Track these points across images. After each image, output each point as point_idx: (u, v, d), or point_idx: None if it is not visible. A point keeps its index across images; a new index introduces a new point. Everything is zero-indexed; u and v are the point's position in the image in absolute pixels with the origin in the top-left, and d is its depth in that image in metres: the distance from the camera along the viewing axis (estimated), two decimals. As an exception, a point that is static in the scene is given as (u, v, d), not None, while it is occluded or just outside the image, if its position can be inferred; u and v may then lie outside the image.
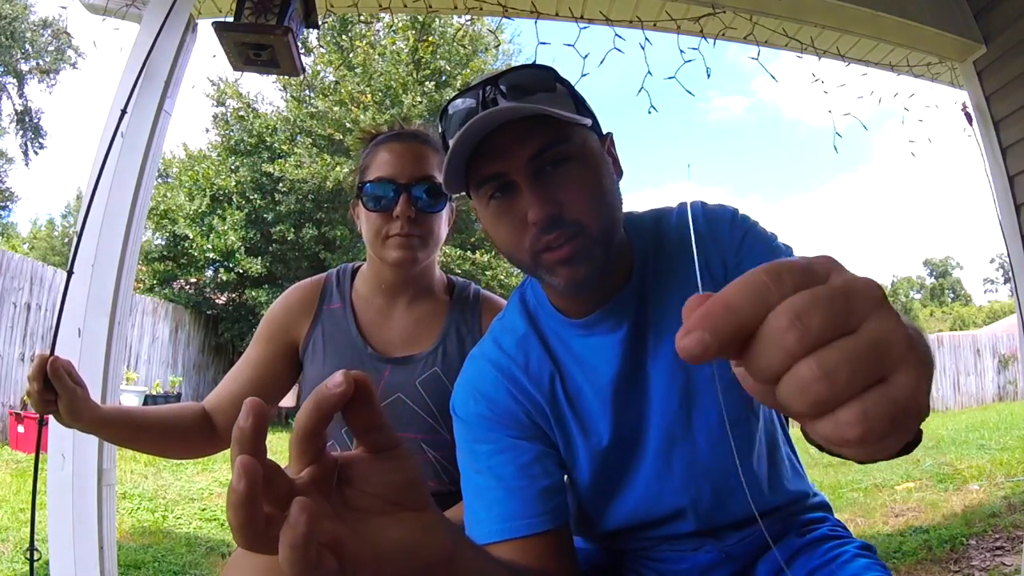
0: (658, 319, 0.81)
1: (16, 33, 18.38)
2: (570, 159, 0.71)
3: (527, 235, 0.71)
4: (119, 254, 1.64)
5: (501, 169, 0.71)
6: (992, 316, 29.60)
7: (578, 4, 2.27)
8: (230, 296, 10.77)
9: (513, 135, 0.69)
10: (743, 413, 0.82)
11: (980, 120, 2.37)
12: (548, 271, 0.73)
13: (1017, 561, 2.70)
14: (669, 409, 0.80)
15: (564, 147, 0.71)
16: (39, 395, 0.91)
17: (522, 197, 0.71)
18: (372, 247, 1.12)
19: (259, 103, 11.52)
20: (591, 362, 0.81)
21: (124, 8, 1.89)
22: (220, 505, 4.17)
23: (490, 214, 0.74)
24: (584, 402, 0.82)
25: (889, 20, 2.22)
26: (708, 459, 0.81)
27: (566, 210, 0.70)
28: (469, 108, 0.73)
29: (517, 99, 0.71)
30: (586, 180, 0.72)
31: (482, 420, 0.81)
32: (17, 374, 6.07)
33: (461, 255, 10.04)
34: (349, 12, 2.23)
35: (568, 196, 0.70)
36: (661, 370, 0.80)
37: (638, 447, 0.82)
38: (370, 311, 1.16)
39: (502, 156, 0.70)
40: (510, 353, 0.83)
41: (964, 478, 4.52)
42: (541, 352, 0.82)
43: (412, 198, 1.07)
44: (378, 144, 1.14)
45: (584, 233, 0.71)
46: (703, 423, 0.80)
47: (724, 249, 0.80)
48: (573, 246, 0.70)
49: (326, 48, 10.86)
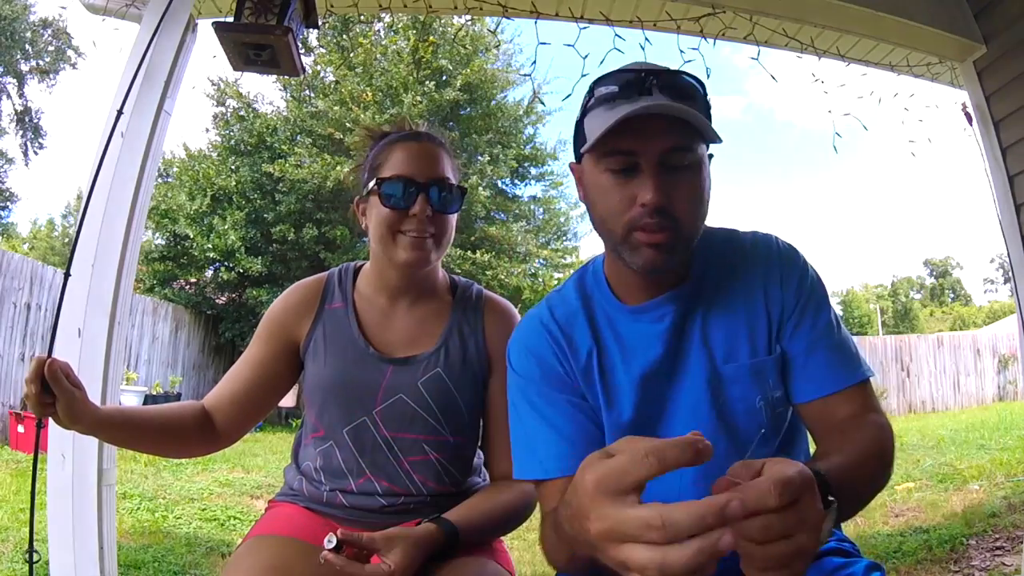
0: (706, 321, 0.89)
1: (16, 33, 18.37)
2: (690, 166, 0.80)
3: (631, 211, 0.80)
4: (119, 254, 1.64)
5: (636, 148, 0.79)
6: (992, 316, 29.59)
7: (578, 4, 2.26)
8: (230, 296, 10.77)
9: (657, 127, 0.78)
10: (770, 433, 0.87)
11: (980, 120, 2.37)
12: (634, 248, 0.82)
13: (1017, 561, 2.70)
14: (695, 408, 0.87)
15: (690, 154, 0.80)
16: (37, 398, 0.91)
17: (641, 179, 0.79)
18: (381, 245, 1.10)
19: (259, 103, 11.53)
20: (631, 345, 0.90)
21: (124, 8, 1.89)
22: (220, 505, 4.17)
23: (604, 181, 0.82)
24: (615, 378, 0.90)
25: (889, 20, 2.22)
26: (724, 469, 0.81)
27: (673, 206, 0.79)
28: (622, 90, 0.80)
29: (671, 97, 0.79)
30: (695, 187, 0.82)
31: (534, 376, 0.91)
32: (17, 374, 6.07)
33: (461, 255, 10.04)
34: (349, 12, 2.23)
35: (678, 195, 0.80)
36: (695, 370, 0.88)
37: (656, 432, 0.87)
38: (372, 311, 1.16)
39: (640, 139, 0.78)
40: (560, 322, 0.93)
41: (964, 478, 4.52)
42: (585, 328, 0.92)
43: (429, 198, 1.08)
44: (393, 142, 1.13)
45: (678, 229, 0.80)
46: (726, 431, 0.86)
47: (786, 290, 0.89)
48: (666, 235, 0.80)
49: (326, 48, 10.86)
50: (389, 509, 1.09)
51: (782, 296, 0.88)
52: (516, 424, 0.93)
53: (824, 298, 0.90)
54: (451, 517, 1.01)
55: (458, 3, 2.24)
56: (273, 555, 0.98)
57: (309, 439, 1.15)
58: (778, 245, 0.93)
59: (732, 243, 0.93)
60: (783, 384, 0.88)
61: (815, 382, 0.85)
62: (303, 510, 1.12)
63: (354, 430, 1.10)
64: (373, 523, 1.05)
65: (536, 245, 11.59)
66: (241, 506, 4.23)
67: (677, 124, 0.78)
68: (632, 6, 2.28)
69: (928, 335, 13.31)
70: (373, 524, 1.04)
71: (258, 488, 4.79)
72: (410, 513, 1.09)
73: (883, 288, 41.91)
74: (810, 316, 0.88)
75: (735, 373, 0.87)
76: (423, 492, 1.10)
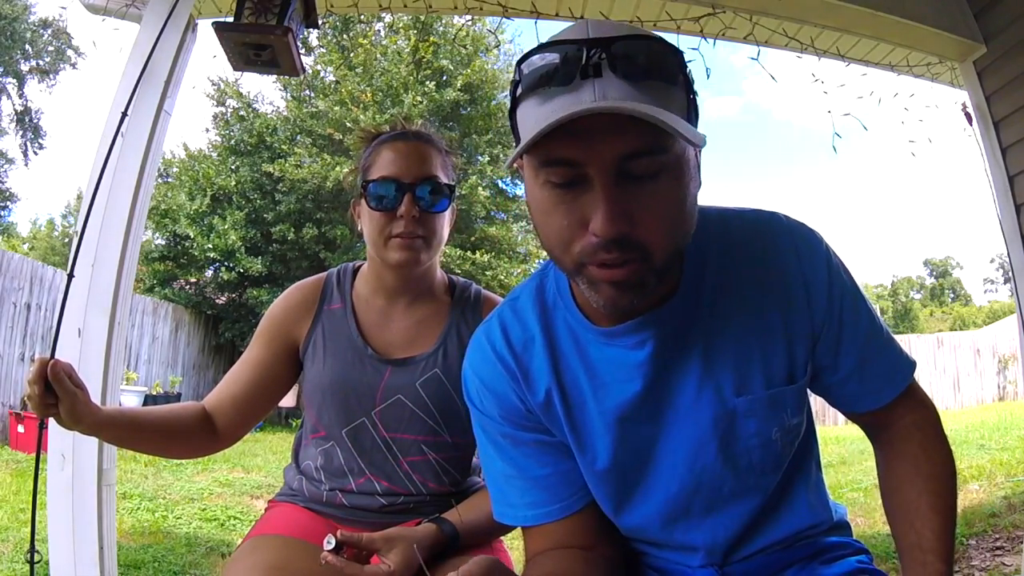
0: (707, 340, 0.71)
1: (16, 33, 18.36)
2: (661, 172, 0.59)
3: (581, 240, 0.60)
4: (119, 254, 1.64)
5: (579, 158, 0.57)
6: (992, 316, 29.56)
7: (578, 4, 2.27)
8: (230, 296, 10.77)
9: (607, 124, 0.56)
10: (783, 461, 0.78)
11: (980, 120, 2.37)
12: (590, 284, 0.62)
13: (1017, 561, 2.70)
14: (697, 451, 0.73)
15: (661, 157, 0.58)
16: (40, 399, 0.91)
17: (591, 196, 0.58)
18: (374, 247, 1.11)
19: (259, 103, 11.53)
20: (604, 377, 0.73)
21: (124, 8, 1.89)
22: (220, 505, 4.17)
23: (544, 199, 0.61)
24: (586, 418, 0.75)
25: (889, 20, 2.22)
26: (733, 503, 0.76)
27: (637, 231, 0.59)
28: (559, 69, 0.58)
29: (628, 78, 0.57)
30: (671, 200, 0.60)
31: (495, 415, 0.79)
32: (17, 374, 6.07)
33: (461, 255, 10.04)
34: (349, 12, 2.23)
35: (645, 216, 0.59)
36: (695, 408, 0.72)
37: (643, 481, 0.76)
38: (371, 312, 1.16)
39: (585, 143, 0.57)
40: (516, 349, 0.77)
41: (964, 478, 4.51)
42: (544, 359, 0.76)
43: (416, 198, 1.07)
44: (381, 143, 1.13)
45: (647, 260, 0.60)
46: (734, 470, 0.74)
47: (815, 302, 0.72)
48: (629, 271, 0.60)
49: (326, 48, 10.86)
50: (389, 509, 1.09)
51: (810, 312, 0.72)
52: (487, 465, 0.82)
53: (855, 289, 0.75)
54: (451, 517, 1.01)
55: (458, 3, 2.24)
56: (273, 555, 0.98)
57: (310, 439, 1.15)
58: (792, 237, 0.74)
59: (732, 227, 0.74)
60: (805, 409, 0.79)
61: (874, 394, 0.77)
62: (303, 510, 1.12)
63: (353, 431, 1.10)
64: (373, 523, 1.05)
65: (536, 245, 11.56)
66: (241, 506, 4.23)
67: (636, 119, 0.55)
68: (632, 6, 2.28)
69: (928, 335, 13.31)
70: (373, 524, 1.04)
71: (258, 488, 4.79)
72: (410, 513, 1.09)
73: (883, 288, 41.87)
74: (850, 324, 0.73)
75: (750, 406, 0.72)
76: (423, 492, 1.10)
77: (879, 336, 0.76)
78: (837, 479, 4.94)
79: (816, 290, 0.72)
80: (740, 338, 0.71)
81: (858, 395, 0.78)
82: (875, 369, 0.76)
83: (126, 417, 1.04)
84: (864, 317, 0.75)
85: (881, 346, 0.76)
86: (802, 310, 0.72)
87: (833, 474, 5.15)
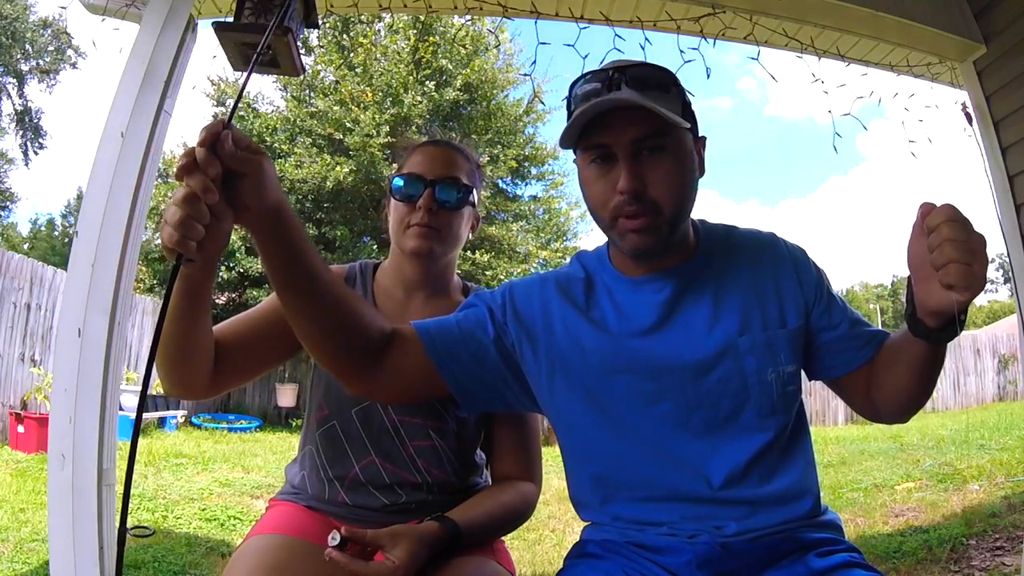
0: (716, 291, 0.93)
1: (16, 33, 18.38)
2: (664, 150, 0.86)
3: (613, 199, 0.87)
4: (119, 254, 1.64)
5: (608, 141, 0.86)
6: (992, 316, 29.57)
7: (578, 4, 2.26)
8: (230, 296, 10.77)
9: (625, 118, 0.85)
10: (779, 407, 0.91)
11: (980, 120, 2.37)
12: (620, 234, 0.88)
13: (1017, 561, 2.70)
14: (699, 370, 0.90)
15: (661, 140, 0.86)
16: (203, 188, 0.69)
17: (618, 168, 0.86)
18: (394, 236, 1.18)
19: (259, 103, 11.52)
20: (628, 311, 0.94)
21: (124, 8, 1.89)
22: (220, 505, 4.17)
23: (589, 174, 0.90)
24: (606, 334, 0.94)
25: (889, 20, 2.22)
26: (730, 432, 0.89)
27: (649, 189, 0.85)
28: (595, 88, 0.88)
29: (638, 90, 0.85)
30: (672, 171, 0.87)
31: (487, 306, 0.98)
32: (17, 374, 6.06)
33: (461, 255, 10.01)
34: (349, 12, 2.23)
35: (653, 179, 0.86)
36: (702, 335, 0.91)
37: (650, 389, 0.91)
38: (390, 303, 1.20)
39: (612, 132, 0.86)
40: (560, 279, 1.00)
41: (964, 478, 4.52)
42: (581, 288, 0.98)
43: (435, 192, 1.15)
44: (416, 147, 1.23)
45: (658, 212, 0.86)
46: (732, 396, 0.90)
47: (804, 278, 0.95)
48: (645, 220, 0.86)
49: (326, 48, 10.85)
50: (390, 508, 1.10)
51: (800, 285, 0.94)
52: None
53: (827, 280, 0.99)
54: (453, 516, 1.02)
55: (458, 3, 2.24)
56: (274, 555, 0.98)
57: (313, 421, 1.17)
58: (785, 245, 0.99)
59: (734, 234, 1.00)
60: (802, 359, 0.94)
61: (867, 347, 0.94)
62: (304, 509, 1.12)
63: (363, 411, 1.12)
64: (374, 522, 1.05)
65: (536, 245, 11.58)
66: (241, 506, 4.23)
67: (642, 114, 0.83)
68: (632, 6, 2.28)
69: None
70: (374, 523, 1.04)
71: (258, 488, 4.79)
72: (411, 512, 1.09)
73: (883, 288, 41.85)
74: (837, 300, 0.97)
75: (750, 345, 0.90)
76: (427, 480, 1.12)
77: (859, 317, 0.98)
78: (837, 479, 4.94)
79: (804, 271, 0.96)
80: (742, 292, 0.93)
81: (857, 349, 0.95)
82: (864, 331, 0.96)
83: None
84: (845, 304, 0.98)
85: (864, 320, 0.98)
86: (791, 278, 0.95)
87: (833, 474, 5.16)
